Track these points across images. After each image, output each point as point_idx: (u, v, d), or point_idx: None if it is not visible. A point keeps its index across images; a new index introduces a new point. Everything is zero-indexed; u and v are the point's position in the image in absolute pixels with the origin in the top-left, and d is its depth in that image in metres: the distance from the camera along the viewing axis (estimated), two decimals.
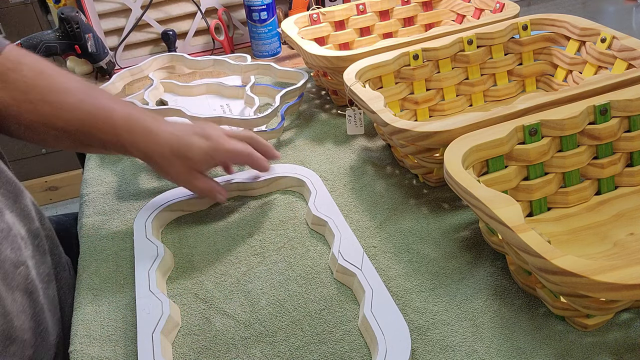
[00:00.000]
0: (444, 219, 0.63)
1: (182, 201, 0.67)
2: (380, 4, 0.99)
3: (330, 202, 0.64)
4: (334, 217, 0.61)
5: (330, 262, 0.58)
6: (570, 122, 0.57)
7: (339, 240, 0.58)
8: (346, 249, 0.56)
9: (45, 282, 0.57)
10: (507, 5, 0.88)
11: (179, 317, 0.53)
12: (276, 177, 0.69)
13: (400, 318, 0.48)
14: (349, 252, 0.56)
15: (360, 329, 0.50)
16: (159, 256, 0.58)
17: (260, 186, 0.69)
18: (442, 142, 0.57)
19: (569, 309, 0.47)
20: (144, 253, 0.58)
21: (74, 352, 0.51)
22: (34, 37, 0.95)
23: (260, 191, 0.70)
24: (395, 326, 0.47)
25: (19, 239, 0.54)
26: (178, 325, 0.52)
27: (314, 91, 0.95)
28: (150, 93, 0.87)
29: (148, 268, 0.56)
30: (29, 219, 0.58)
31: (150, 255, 0.58)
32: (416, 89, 0.79)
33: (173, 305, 0.53)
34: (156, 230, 0.64)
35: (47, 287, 0.57)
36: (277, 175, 0.69)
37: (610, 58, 0.72)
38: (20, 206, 0.57)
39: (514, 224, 0.44)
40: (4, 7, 1.91)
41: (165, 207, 0.66)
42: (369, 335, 0.49)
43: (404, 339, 0.46)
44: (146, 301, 0.52)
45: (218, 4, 1.10)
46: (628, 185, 0.61)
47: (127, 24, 1.06)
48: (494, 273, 0.55)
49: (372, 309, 0.49)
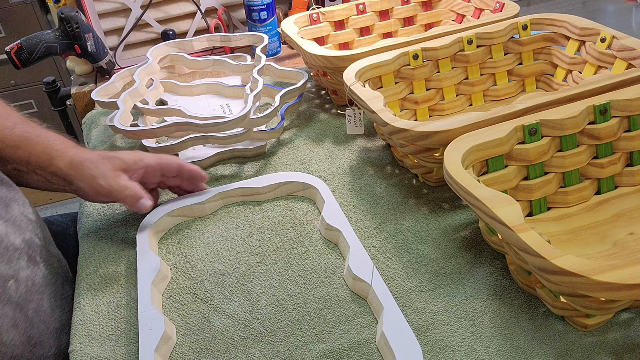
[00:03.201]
0: (444, 219, 0.63)
1: (185, 207, 0.66)
2: (380, 4, 0.99)
3: (339, 212, 0.63)
4: (344, 227, 0.60)
5: (345, 275, 0.57)
6: (570, 122, 0.57)
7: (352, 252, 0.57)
8: (356, 263, 0.55)
9: (40, 293, 0.55)
10: (507, 5, 0.88)
11: (174, 334, 0.52)
12: (283, 182, 0.68)
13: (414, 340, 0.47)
14: (359, 265, 0.55)
15: (378, 346, 0.49)
16: (157, 270, 0.57)
17: (266, 192, 0.69)
18: (442, 142, 0.57)
19: (569, 309, 0.47)
20: (145, 265, 0.58)
21: (74, 352, 0.51)
22: (34, 37, 0.95)
23: (266, 197, 0.69)
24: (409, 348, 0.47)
25: (11, 250, 0.53)
26: (171, 340, 0.51)
27: (314, 91, 0.95)
28: (150, 93, 0.86)
29: (149, 282, 0.56)
30: (21, 229, 0.56)
31: (152, 268, 0.57)
32: (416, 89, 0.79)
33: (168, 323, 0.52)
34: (155, 240, 0.64)
35: (41, 299, 0.55)
36: (285, 180, 0.69)
37: (610, 58, 0.72)
38: (11, 216, 0.56)
39: (514, 224, 0.44)
40: (4, 7, 1.92)
41: (169, 213, 0.65)
42: (385, 353, 0.48)
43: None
44: (148, 316, 0.52)
45: (218, 4, 1.10)
46: (628, 185, 0.61)
47: (127, 24, 1.06)
48: (494, 273, 0.55)
49: (386, 326, 0.48)
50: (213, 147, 0.79)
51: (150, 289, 0.55)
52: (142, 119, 0.84)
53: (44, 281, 0.56)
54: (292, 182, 0.68)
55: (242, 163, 0.78)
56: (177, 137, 0.78)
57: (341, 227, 0.60)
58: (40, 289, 0.55)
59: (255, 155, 0.79)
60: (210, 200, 0.67)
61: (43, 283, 0.56)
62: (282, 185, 0.69)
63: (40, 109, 2.10)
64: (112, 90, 0.88)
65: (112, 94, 0.88)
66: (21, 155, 0.60)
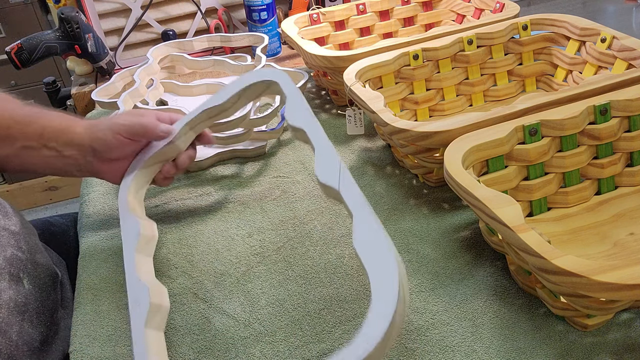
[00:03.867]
0: (444, 219, 0.63)
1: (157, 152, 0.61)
2: (380, 4, 0.99)
3: (304, 108, 0.55)
4: (308, 125, 0.53)
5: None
6: (570, 122, 0.57)
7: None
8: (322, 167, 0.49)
9: (21, 313, 0.52)
10: (507, 5, 0.88)
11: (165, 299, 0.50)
12: (243, 88, 0.62)
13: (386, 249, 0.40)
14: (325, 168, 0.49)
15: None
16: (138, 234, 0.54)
17: (231, 104, 0.62)
18: (442, 142, 0.57)
19: (569, 309, 0.47)
20: (127, 231, 0.55)
21: (74, 352, 0.51)
22: (34, 37, 0.95)
23: (233, 109, 0.63)
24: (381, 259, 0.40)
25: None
26: (163, 308, 0.49)
27: (314, 91, 0.95)
28: (150, 93, 0.86)
29: (133, 249, 0.53)
30: (1, 246, 0.54)
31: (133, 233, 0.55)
32: (416, 89, 0.79)
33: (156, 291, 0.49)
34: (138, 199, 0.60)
35: (23, 319, 0.52)
36: (244, 85, 0.62)
37: (610, 58, 0.72)
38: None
39: (514, 224, 0.44)
40: (4, 7, 1.92)
41: (142, 165, 0.61)
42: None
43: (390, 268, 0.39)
44: (134, 290, 0.49)
45: (218, 4, 1.10)
46: (628, 185, 0.61)
47: (127, 24, 1.06)
48: (494, 273, 0.55)
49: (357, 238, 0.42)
50: (213, 147, 0.79)
51: (135, 257, 0.52)
52: None
53: (26, 299, 0.54)
54: (253, 85, 0.62)
55: (242, 163, 0.78)
56: None
57: (304, 125, 0.53)
58: (23, 308, 0.53)
59: (255, 155, 0.79)
60: (179, 136, 0.62)
61: (25, 301, 0.54)
62: (244, 92, 0.62)
63: None
64: (112, 90, 0.88)
65: (112, 94, 0.88)
66: (34, 129, 0.59)
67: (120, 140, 0.59)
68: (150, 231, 0.57)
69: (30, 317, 0.54)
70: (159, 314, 0.48)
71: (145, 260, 0.54)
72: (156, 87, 0.89)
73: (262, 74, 0.62)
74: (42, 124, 0.59)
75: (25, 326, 0.53)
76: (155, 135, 0.60)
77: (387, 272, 0.38)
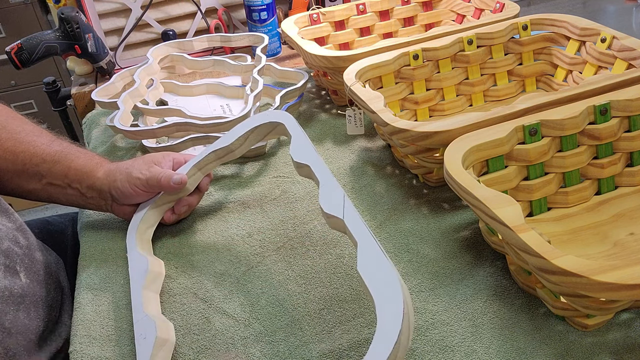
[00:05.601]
0: (444, 219, 0.63)
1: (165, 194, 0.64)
2: (380, 4, 0.99)
3: (307, 145, 0.58)
4: (313, 162, 0.55)
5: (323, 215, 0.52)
6: (570, 122, 0.57)
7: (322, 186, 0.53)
8: (326, 198, 0.51)
9: (16, 304, 0.54)
10: (507, 5, 0.88)
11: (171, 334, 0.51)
12: (250, 129, 0.64)
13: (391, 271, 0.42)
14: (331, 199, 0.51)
15: None
16: (146, 271, 0.56)
17: (238, 145, 0.65)
18: (442, 142, 0.57)
19: (569, 309, 0.47)
20: (135, 268, 0.57)
21: (74, 352, 0.52)
22: (34, 37, 0.95)
23: (240, 151, 0.65)
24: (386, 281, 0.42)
25: None
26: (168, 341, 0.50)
27: (314, 91, 0.95)
28: (150, 93, 0.87)
29: (140, 286, 0.55)
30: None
31: (141, 270, 0.56)
32: (416, 89, 0.79)
33: (162, 326, 0.51)
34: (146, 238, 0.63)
35: (18, 310, 0.54)
36: (250, 127, 0.64)
37: (610, 58, 0.72)
38: None
39: (514, 224, 0.44)
40: (4, 7, 1.92)
41: (152, 205, 0.64)
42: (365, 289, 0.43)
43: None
44: (141, 324, 0.51)
45: (218, 4, 1.10)
46: (628, 185, 0.61)
47: (127, 24, 1.06)
48: (494, 273, 0.55)
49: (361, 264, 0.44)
50: None
51: (142, 294, 0.54)
52: (142, 119, 0.84)
53: (22, 291, 0.55)
54: (260, 126, 0.64)
55: (242, 163, 0.78)
56: (177, 137, 0.78)
57: (309, 161, 0.55)
58: (18, 299, 0.54)
59: (255, 155, 0.79)
60: (187, 176, 0.64)
61: (22, 293, 0.55)
62: (251, 134, 0.64)
63: (40, 109, 2.10)
64: (112, 90, 0.88)
65: (112, 94, 0.88)
66: (59, 170, 0.63)
67: (136, 192, 0.63)
68: (158, 268, 0.58)
69: (27, 309, 0.55)
70: (165, 348, 0.49)
71: (153, 296, 0.55)
72: (156, 87, 0.89)
73: (268, 115, 0.64)
74: (67, 164, 0.63)
75: (21, 316, 0.54)
76: (169, 188, 0.62)
77: (392, 297, 0.40)
